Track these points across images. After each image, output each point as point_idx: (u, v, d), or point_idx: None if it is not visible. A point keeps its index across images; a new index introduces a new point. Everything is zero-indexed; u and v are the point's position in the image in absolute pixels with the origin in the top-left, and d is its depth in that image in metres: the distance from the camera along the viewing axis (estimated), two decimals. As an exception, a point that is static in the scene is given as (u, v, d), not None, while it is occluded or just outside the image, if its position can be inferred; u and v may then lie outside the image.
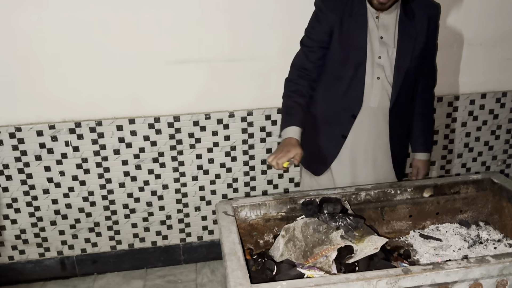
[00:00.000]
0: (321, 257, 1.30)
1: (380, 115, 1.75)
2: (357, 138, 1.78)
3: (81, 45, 2.18)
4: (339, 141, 1.79)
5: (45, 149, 2.31)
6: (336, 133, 1.79)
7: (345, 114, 1.75)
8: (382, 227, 1.59)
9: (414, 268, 1.14)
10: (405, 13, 1.68)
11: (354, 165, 1.82)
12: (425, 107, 1.89)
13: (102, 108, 2.30)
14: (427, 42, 1.73)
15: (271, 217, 1.53)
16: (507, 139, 2.69)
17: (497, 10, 2.42)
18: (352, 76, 1.70)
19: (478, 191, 1.63)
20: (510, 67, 2.55)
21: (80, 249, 2.54)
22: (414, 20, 1.68)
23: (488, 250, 1.45)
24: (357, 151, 1.80)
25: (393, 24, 1.68)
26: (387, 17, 1.67)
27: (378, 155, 1.81)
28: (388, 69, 1.69)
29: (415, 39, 1.68)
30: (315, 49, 1.74)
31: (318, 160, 1.86)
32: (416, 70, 1.75)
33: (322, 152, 1.83)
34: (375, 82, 1.69)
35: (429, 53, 1.81)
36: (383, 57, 1.68)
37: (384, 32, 1.67)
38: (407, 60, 1.69)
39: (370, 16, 1.67)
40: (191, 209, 2.56)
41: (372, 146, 1.79)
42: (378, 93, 1.70)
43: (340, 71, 1.72)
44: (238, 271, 1.15)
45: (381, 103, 1.72)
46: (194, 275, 2.59)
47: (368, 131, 1.77)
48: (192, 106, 2.37)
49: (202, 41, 2.27)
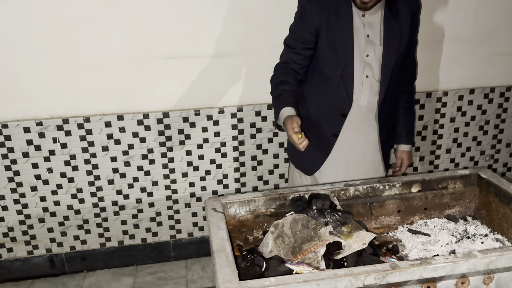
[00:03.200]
0: (309, 253, 1.30)
1: (369, 112, 1.76)
2: (348, 136, 1.79)
3: (68, 40, 2.16)
4: (330, 140, 1.80)
5: (32, 146, 2.28)
6: (328, 133, 1.79)
7: (336, 113, 1.76)
8: (371, 223, 1.60)
9: (401, 263, 1.14)
10: (390, 11, 1.69)
11: (345, 163, 1.83)
12: (407, 100, 1.94)
13: (90, 105, 2.28)
14: (410, 37, 1.74)
15: (260, 213, 1.53)
16: (495, 134, 2.72)
17: (484, 6, 2.44)
18: (341, 75, 1.70)
19: (466, 186, 1.64)
20: (498, 62, 2.58)
21: (69, 246, 2.52)
22: (399, 17, 1.70)
23: (476, 245, 1.46)
24: (348, 149, 1.81)
25: (379, 22, 1.69)
26: (372, 15, 1.68)
27: (369, 151, 1.83)
28: (376, 67, 1.70)
29: (400, 36, 1.70)
30: (300, 50, 1.74)
31: (310, 159, 1.86)
32: (402, 66, 1.77)
33: (313, 152, 1.84)
34: (364, 80, 1.70)
35: (411, 48, 1.83)
36: (370, 55, 1.68)
37: (370, 30, 1.68)
38: (393, 57, 1.70)
39: (356, 15, 1.68)
40: (181, 206, 2.55)
41: (363, 143, 1.81)
42: (367, 91, 1.71)
43: (329, 70, 1.72)
44: (226, 267, 1.15)
45: (370, 101, 1.73)
46: (184, 271, 2.59)
47: (358, 129, 1.78)
48: (182, 102, 2.36)
49: (191, 36, 2.25)
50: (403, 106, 1.92)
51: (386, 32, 1.68)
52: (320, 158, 1.84)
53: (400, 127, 1.95)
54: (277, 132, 2.48)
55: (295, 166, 1.96)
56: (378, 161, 1.87)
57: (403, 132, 1.95)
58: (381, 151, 1.86)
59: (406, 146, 1.97)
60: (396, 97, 1.86)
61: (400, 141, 1.97)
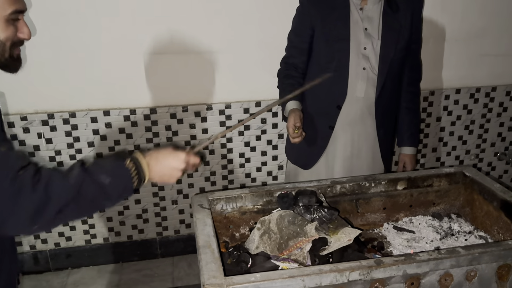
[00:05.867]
0: (295, 249, 1.30)
1: (366, 105, 1.77)
2: (345, 130, 1.80)
3: (54, 34, 2.13)
4: (327, 133, 1.81)
5: (16, 141, 2.25)
6: (324, 125, 1.81)
7: (331, 105, 1.78)
8: (357, 219, 1.61)
9: (386, 259, 1.15)
10: (389, 6, 1.71)
11: (342, 157, 1.84)
12: (411, 101, 1.91)
13: (76, 100, 2.25)
14: (411, 34, 1.76)
15: (247, 209, 1.53)
16: (480, 134, 2.76)
17: (471, 7, 2.46)
18: (336, 67, 1.72)
19: (451, 184, 1.66)
20: (484, 63, 2.61)
21: (53, 243, 2.49)
22: (398, 13, 1.72)
23: (459, 242, 1.48)
24: (344, 144, 1.82)
25: (377, 16, 1.71)
26: (372, 9, 1.70)
27: (366, 146, 1.84)
28: (373, 60, 1.72)
29: (399, 32, 1.72)
30: (297, 43, 1.81)
31: (307, 153, 1.88)
32: (401, 61, 1.78)
33: (310, 145, 1.85)
34: (360, 72, 1.72)
35: (414, 47, 1.83)
36: (368, 48, 1.71)
37: (368, 23, 1.70)
38: (391, 51, 1.72)
39: (354, 8, 1.70)
40: (168, 203, 2.54)
41: (359, 137, 1.82)
42: (364, 83, 1.73)
43: (325, 62, 1.75)
44: (212, 263, 1.15)
45: (367, 93, 1.75)
46: (171, 268, 2.57)
47: (355, 122, 1.79)
48: (169, 98, 2.34)
49: (179, 32, 2.24)
50: (406, 107, 1.89)
51: (385, 27, 1.70)
52: (317, 152, 1.85)
53: (403, 129, 1.91)
54: (265, 129, 2.48)
55: (291, 161, 1.97)
56: (377, 158, 1.87)
57: (406, 134, 1.92)
58: (379, 148, 1.85)
59: (409, 149, 1.92)
60: (396, 94, 1.86)
61: (402, 143, 1.93)
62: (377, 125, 1.82)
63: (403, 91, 1.88)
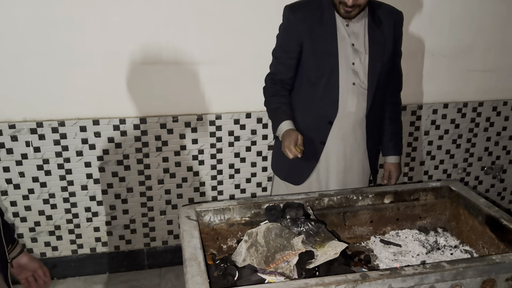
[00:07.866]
0: (282, 262, 1.30)
1: (357, 120, 1.79)
2: (336, 144, 1.81)
3: (44, 43, 2.12)
4: (318, 148, 1.82)
5: (4, 149, 2.23)
6: (315, 140, 1.81)
7: (322, 120, 1.78)
8: (344, 232, 1.61)
9: (371, 273, 1.15)
10: (373, 20, 1.73)
11: (336, 171, 1.84)
12: (394, 111, 1.95)
13: (66, 108, 2.24)
14: (394, 46, 1.79)
15: (235, 221, 1.52)
16: (467, 148, 2.79)
17: (458, 23, 2.51)
18: (327, 83, 1.74)
19: (437, 198, 1.68)
20: (471, 78, 2.65)
21: (39, 253, 2.46)
22: (382, 27, 1.75)
23: (445, 256, 1.49)
24: (336, 158, 1.83)
25: (363, 31, 1.73)
26: (356, 25, 1.72)
27: (357, 160, 1.86)
28: (362, 75, 1.74)
29: (384, 45, 1.75)
30: (285, 60, 1.79)
31: (298, 169, 1.87)
32: (387, 73, 1.81)
33: (302, 160, 1.85)
34: (350, 87, 1.74)
35: (396, 59, 1.87)
36: (356, 63, 1.73)
37: (355, 39, 1.72)
38: (379, 65, 1.74)
39: (341, 24, 1.72)
40: (156, 213, 2.52)
41: (351, 151, 1.83)
42: (355, 98, 1.75)
43: (315, 77, 1.75)
44: (198, 276, 1.14)
45: (358, 108, 1.76)
46: (158, 280, 2.55)
47: (347, 137, 1.80)
48: (160, 108, 2.34)
49: (171, 43, 2.25)
50: (390, 117, 1.93)
51: (371, 40, 1.73)
52: (309, 167, 1.85)
53: (387, 139, 1.95)
54: (255, 140, 2.49)
55: (280, 178, 1.96)
56: (366, 169, 1.90)
57: (391, 144, 1.96)
58: (368, 160, 1.88)
59: (394, 157, 1.97)
60: (382, 106, 1.89)
61: (387, 152, 1.97)
62: (367, 138, 1.84)
63: (386, 101, 1.91)
